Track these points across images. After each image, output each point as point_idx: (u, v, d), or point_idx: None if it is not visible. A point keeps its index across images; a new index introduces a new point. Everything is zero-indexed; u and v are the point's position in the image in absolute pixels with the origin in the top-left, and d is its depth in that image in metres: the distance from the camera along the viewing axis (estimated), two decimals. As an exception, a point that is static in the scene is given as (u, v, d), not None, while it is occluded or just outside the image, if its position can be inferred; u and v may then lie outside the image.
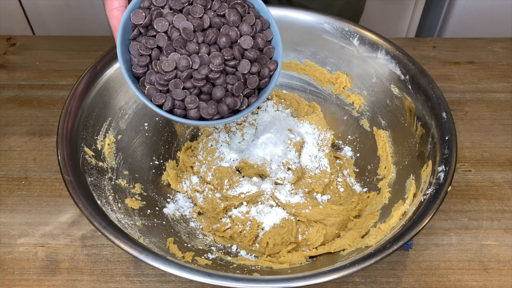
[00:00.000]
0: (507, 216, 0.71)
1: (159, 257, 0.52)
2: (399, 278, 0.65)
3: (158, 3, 0.56)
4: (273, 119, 0.76)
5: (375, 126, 0.74)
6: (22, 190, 0.73)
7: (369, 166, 0.73)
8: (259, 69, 0.58)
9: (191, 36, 0.55)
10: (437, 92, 0.66)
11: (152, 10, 0.56)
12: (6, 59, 0.92)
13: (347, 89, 0.77)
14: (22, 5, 1.29)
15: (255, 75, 0.58)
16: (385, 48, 0.72)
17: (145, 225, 0.63)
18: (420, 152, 0.66)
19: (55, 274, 0.65)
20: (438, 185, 0.58)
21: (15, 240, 0.68)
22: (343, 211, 0.65)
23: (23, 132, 0.81)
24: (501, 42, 0.97)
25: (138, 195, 0.67)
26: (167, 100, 0.55)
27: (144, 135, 0.74)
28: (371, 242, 0.58)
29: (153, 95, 0.56)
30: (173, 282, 0.64)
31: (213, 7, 0.57)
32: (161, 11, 0.56)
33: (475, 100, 0.87)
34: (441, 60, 0.93)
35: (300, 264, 0.62)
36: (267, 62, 0.59)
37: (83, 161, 0.62)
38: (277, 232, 0.64)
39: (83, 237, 0.68)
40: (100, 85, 0.68)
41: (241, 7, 0.58)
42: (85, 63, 0.69)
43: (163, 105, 0.56)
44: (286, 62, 0.80)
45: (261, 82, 0.58)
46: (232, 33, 0.57)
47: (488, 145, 0.80)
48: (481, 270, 0.66)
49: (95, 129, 0.67)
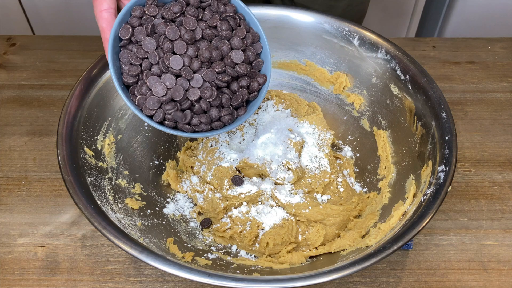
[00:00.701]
0: (507, 216, 0.71)
1: (159, 257, 0.52)
2: (399, 278, 0.65)
3: (150, 12, 0.56)
4: (273, 119, 0.76)
5: (375, 126, 0.74)
6: (22, 190, 0.73)
7: (369, 166, 0.73)
8: (249, 82, 0.58)
9: (182, 49, 0.55)
10: (437, 92, 0.66)
11: (143, 19, 0.56)
12: (6, 59, 0.92)
13: (347, 89, 0.77)
14: (22, 5, 1.29)
15: (244, 88, 0.58)
16: (385, 48, 0.72)
17: (145, 225, 0.63)
18: (420, 152, 0.66)
19: (55, 274, 0.65)
20: (438, 185, 0.58)
21: (15, 240, 0.68)
22: (343, 211, 0.65)
23: (23, 132, 0.81)
24: (501, 42, 0.97)
25: (138, 195, 0.67)
26: (158, 111, 0.56)
27: (144, 135, 0.74)
28: (371, 242, 0.58)
29: (143, 105, 0.56)
30: (173, 282, 0.64)
31: (205, 17, 0.57)
32: (154, 22, 0.56)
33: (475, 100, 0.87)
34: (441, 60, 0.93)
35: (300, 264, 0.62)
36: (256, 75, 0.60)
37: (83, 161, 0.62)
38: (277, 232, 0.64)
39: (83, 237, 0.68)
40: (100, 85, 0.68)
41: (232, 20, 0.58)
42: (85, 63, 0.69)
43: (154, 116, 0.56)
44: (286, 62, 0.80)
45: (250, 95, 0.59)
46: (224, 47, 0.57)
47: (488, 145, 0.80)
48: (481, 270, 0.66)
49: (95, 129, 0.67)
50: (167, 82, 0.55)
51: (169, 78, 0.55)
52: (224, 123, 0.58)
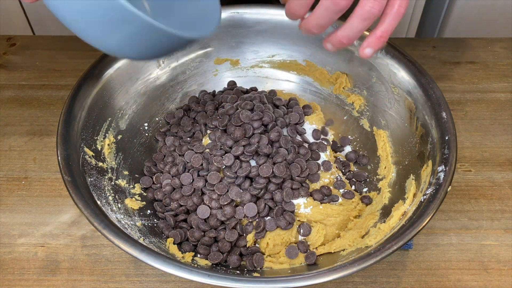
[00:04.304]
0: (507, 216, 0.71)
1: (159, 257, 0.52)
2: (399, 278, 0.65)
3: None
4: (273, 119, 0.76)
5: (375, 126, 0.74)
6: (22, 190, 0.73)
7: (369, 166, 0.73)
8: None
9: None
10: (437, 92, 0.66)
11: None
12: (6, 59, 0.92)
13: (347, 89, 0.77)
14: (22, 5, 1.29)
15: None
16: (385, 48, 0.72)
17: (145, 225, 0.63)
18: (420, 152, 0.66)
19: (55, 274, 0.65)
20: (438, 185, 0.58)
21: (15, 240, 0.68)
22: (343, 211, 0.65)
23: (23, 132, 0.81)
24: (501, 42, 0.97)
25: (138, 195, 0.67)
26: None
27: (144, 135, 0.74)
28: (371, 242, 0.58)
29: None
30: (173, 282, 0.64)
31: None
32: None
33: (475, 100, 0.87)
34: (441, 60, 0.93)
35: (300, 264, 0.62)
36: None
37: (83, 161, 0.62)
38: (277, 232, 0.64)
39: (83, 237, 0.68)
40: (100, 85, 0.68)
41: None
42: (85, 63, 0.69)
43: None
44: (286, 62, 0.80)
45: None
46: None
47: (488, 145, 0.80)
48: (481, 270, 0.66)
49: (95, 129, 0.67)
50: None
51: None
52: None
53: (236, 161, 0.64)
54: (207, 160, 0.65)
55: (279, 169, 0.63)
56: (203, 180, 0.65)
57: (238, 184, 0.63)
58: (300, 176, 0.65)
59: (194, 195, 0.64)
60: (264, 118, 0.66)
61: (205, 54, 0.79)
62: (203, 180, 0.65)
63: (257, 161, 0.64)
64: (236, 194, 0.63)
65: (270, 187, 0.64)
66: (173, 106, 0.78)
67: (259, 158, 0.64)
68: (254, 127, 0.66)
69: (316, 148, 0.70)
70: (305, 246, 0.63)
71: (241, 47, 0.79)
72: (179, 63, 0.77)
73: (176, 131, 0.73)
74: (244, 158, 0.64)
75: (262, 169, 0.63)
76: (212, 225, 0.63)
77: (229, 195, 0.63)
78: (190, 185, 0.65)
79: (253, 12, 0.77)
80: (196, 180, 0.65)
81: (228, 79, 0.81)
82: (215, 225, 0.63)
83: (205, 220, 0.63)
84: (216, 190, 0.63)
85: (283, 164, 0.63)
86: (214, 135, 0.68)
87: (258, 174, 0.63)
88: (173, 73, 0.77)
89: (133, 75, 0.73)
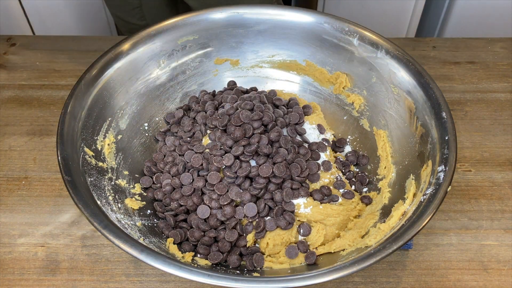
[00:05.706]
0: (507, 216, 0.71)
1: (159, 257, 0.52)
2: (399, 278, 0.65)
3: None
4: (273, 119, 0.76)
5: (375, 126, 0.74)
6: (22, 190, 0.73)
7: (369, 166, 0.73)
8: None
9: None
10: (437, 92, 0.66)
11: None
12: (6, 59, 0.92)
13: (347, 89, 0.77)
14: (22, 5, 1.29)
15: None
16: (385, 48, 0.72)
17: (145, 225, 0.63)
18: (420, 152, 0.66)
19: (55, 274, 0.65)
20: (438, 185, 0.58)
21: (15, 240, 0.68)
22: (343, 211, 0.65)
23: (23, 132, 0.81)
24: (501, 42, 0.97)
25: (138, 195, 0.67)
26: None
27: (144, 135, 0.74)
28: (371, 242, 0.58)
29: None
30: (173, 282, 0.64)
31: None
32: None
33: (475, 100, 0.87)
34: (441, 60, 0.93)
35: (300, 264, 0.62)
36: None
37: (83, 161, 0.62)
38: (277, 232, 0.64)
39: (83, 237, 0.68)
40: (100, 85, 0.68)
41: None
42: (85, 63, 0.69)
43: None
44: (286, 62, 0.80)
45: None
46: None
47: (488, 145, 0.80)
48: (481, 270, 0.66)
49: (95, 129, 0.67)
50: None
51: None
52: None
53: (236, 161, 0.64)
54: (207, 160, 0.65)
55: (279, 169, 0.63)
56: (203, 180, 0.65)
57: (238, 184, 0.63)
58: (300, 176, 0.65)
59: (194, 195, 0.64)
60: (264, 118, 0.66)
61: (205, 54, 0.79)
62: (203, 180, 0.65)
63: (257, 161, 0.64)
64: (236, 194, 0.63)
65: (270, 187, 0.64)
66: (173, 106, 0.78)
67: (259, 158, 0.64)
68: (254, 127, 0.66)
69: (316, 148, 0.70)
70: (305, 246, 0.63)
71: (241, 47, 0.79)
72: (179, 63, 0.77)
73: (176, 131, 0.73)
74: (244, 158, 0.64)
75: (262, 169, 0.63)
76: (212, 225, 0.63)
77: (229, 195, 0.63)
78: (190, 185, 0.65)
79: (253, 12, 0.77)
80: (196, 180, 0.65)
81: (228, 79, 0.81)
82: (215, 225, 0.63)
83: (205, 220, 0.63)
84: (216, 190, 0.63)
85: (283, 164, 0.63)
86: (214, 135, 0.68)
87: (258, 174, 0.63)
88: (173, 73, 0.77)
89: (133, 75, 0.73)
